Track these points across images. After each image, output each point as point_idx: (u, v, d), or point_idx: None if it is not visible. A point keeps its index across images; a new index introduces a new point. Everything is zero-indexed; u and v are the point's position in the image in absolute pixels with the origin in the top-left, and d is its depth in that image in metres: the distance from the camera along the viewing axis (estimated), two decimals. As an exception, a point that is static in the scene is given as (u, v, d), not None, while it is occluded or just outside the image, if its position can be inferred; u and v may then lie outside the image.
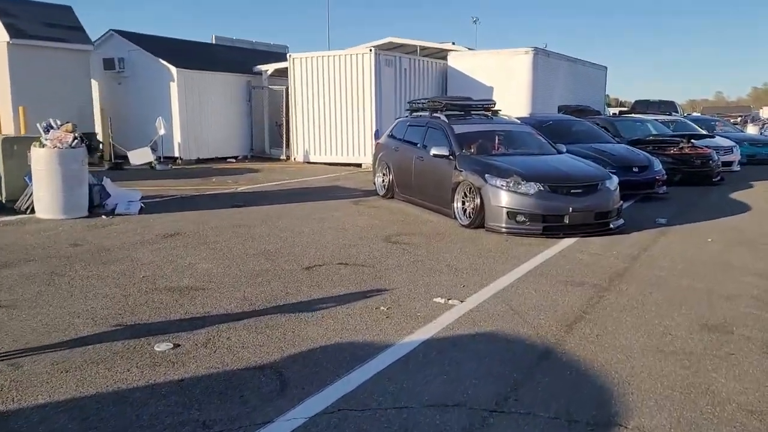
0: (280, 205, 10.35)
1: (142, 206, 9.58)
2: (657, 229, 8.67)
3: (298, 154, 18.54)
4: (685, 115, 23.57)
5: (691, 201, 11.46)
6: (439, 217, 9.29)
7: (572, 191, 8.05)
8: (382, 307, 5.04)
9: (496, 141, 9.73)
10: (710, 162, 14.05)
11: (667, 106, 25.44)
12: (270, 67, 19.40)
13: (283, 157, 19.14)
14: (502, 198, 7.99)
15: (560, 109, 18.57)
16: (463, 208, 8.67)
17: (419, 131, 10.45)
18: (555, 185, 8.03)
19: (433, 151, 9.20)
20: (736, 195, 12.26)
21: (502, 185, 8.04)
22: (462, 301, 5.23)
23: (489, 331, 4.56)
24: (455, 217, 8.79)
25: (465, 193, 8.62)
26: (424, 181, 9.88)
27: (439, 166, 9.31)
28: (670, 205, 10.97)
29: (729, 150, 16.93)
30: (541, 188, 7.95)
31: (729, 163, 16.58)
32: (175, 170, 16.06)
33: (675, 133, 15.72)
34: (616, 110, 26.45)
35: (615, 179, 8.56)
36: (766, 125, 41.88)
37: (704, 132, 17.19)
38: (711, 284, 5.89)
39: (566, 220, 7.92)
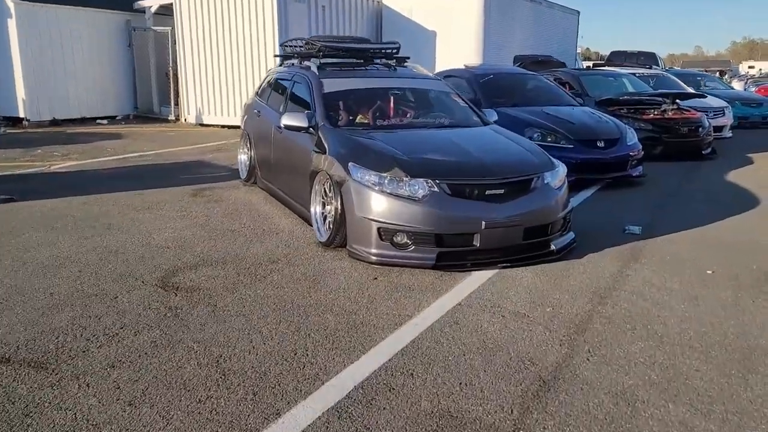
0: (76, 198, 7.12)
1: None
2: (626, 246, 5.68)
3: (189, 114, 15.17)
4: (667, 68, 20.57)
5: (676, 187, 8.49)
6: (298, 223, 6.18)
7: (488, 192, 4.96)
8: None
9: (389, 106, 6.54)
10: (700, 129, 11.12)
11: (647, 59, 22.35)
12: (154, 3, 15.80)
13: (172, 117, 15.69)
14: (372, 204, 4.87)
15: (516, 59, 15.41)
16: (323, 213, 5.54)
17: (285, 87, 7.24)
18: (459, 183, 4.93)
19: (285, 121, 6.01)
20: (734, 176, 9.34)
21: (372, 182, 4.91)
22: None
23: None
24: (315, 227, 5.68)
25: (325, 190, 5.48)
26: (283, 164, 6.73)
27: (297, 142, 6.16)
28: (647, 194, 7.99)
29: (720, 112, 14.07)
30: (436, 188, 4.84)
31: (720, 128, 13.79)
32: (9, 135, 12.57)
33: (656, 92, 12.67)
34: (590, 63, 23.28)
35: (561, 169, 5.49)
36: (749, 81, 39.14)
37: (692, 90, 14.19)
38: (728, 424, 2.88)
39: (476, 242, 4.85)
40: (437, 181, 4.85)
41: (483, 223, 4.81)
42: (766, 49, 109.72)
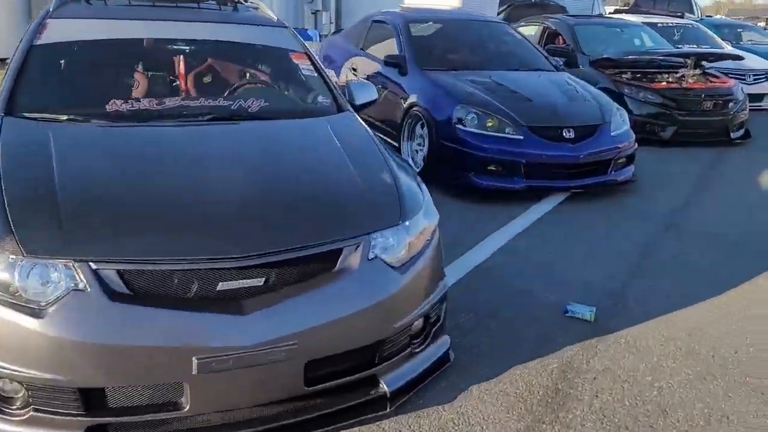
0: None
1: None
2: (553, 359, 3.06)
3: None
4: (701, 17, 17.17)
5: (680, 206, 5.69)
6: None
7: (223, 287, 2.26)
8: None
9: (174, 73, 3.78)
10: (730, 104, 8.19)
11: (680, 4, 18.86)
12: None
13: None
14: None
15: (504, 2, 12.39)
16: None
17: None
18: (150, 269, 2.25)
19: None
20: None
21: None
22: None
23: None
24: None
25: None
26: None
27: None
28: (630, 219, 5.21)
29: (762, 75, 11.04)
30: (88, 284, 2.20)
31: (759, 97, 10.82)
32: None
33: (676, 50, 9.65)
34: (611, 9, 19.83)
35: (420, 222, 2.77)
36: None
37: (727, 48, 11.08)
38: None
39: (185, 402, 2.28)
40: (93, 265, 2.15)
41: (195, 361, 2.12)
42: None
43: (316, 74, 3.94)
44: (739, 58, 9.30)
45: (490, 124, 5.39)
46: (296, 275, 2.38)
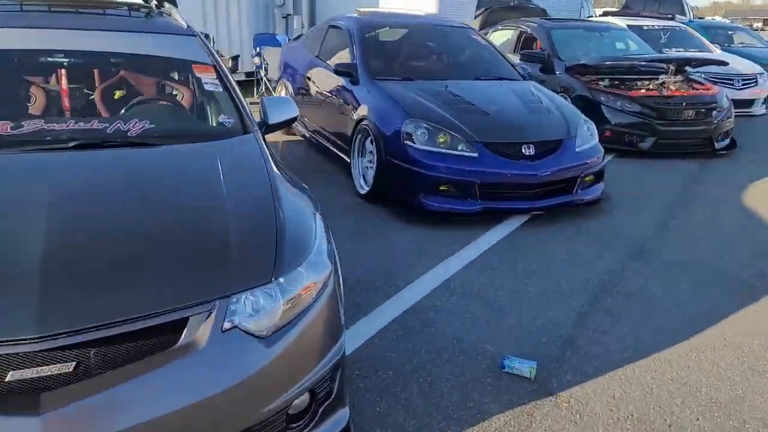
0: None
1: None
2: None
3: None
4: (689, 20, 16.66)
5: (653, 224, 5.17)
6: None
7: (9, 397, 1.76)
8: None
9: (59, 90, 3.28)
10: (713, 112, 7.67)
11: (671, 5, 18.38)
12: None
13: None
14: None
15: (482, 4, 11.91)
16: None
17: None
18: None
19: None
20: (763, 196, 5.95)
21: None
22: None
23: None
24: None
25: None
26: None
27: None
28: (599, 240, 4.75)
29: (751, 80, 10.55)
30: None
31: (748, 103, 10.34)
32: None
33: (657, 55, 9.17)
34: (600, 11, 19.33)
35: (277, 294, 2.21)
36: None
37: (709, 54, 10.60)
38: None
39: None
40: None
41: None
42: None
43: (221, 89, 3.42)
44: (724, 63, 8.78)
45: (441, 141, 4.88)
46: (123, 356, 1.87)
